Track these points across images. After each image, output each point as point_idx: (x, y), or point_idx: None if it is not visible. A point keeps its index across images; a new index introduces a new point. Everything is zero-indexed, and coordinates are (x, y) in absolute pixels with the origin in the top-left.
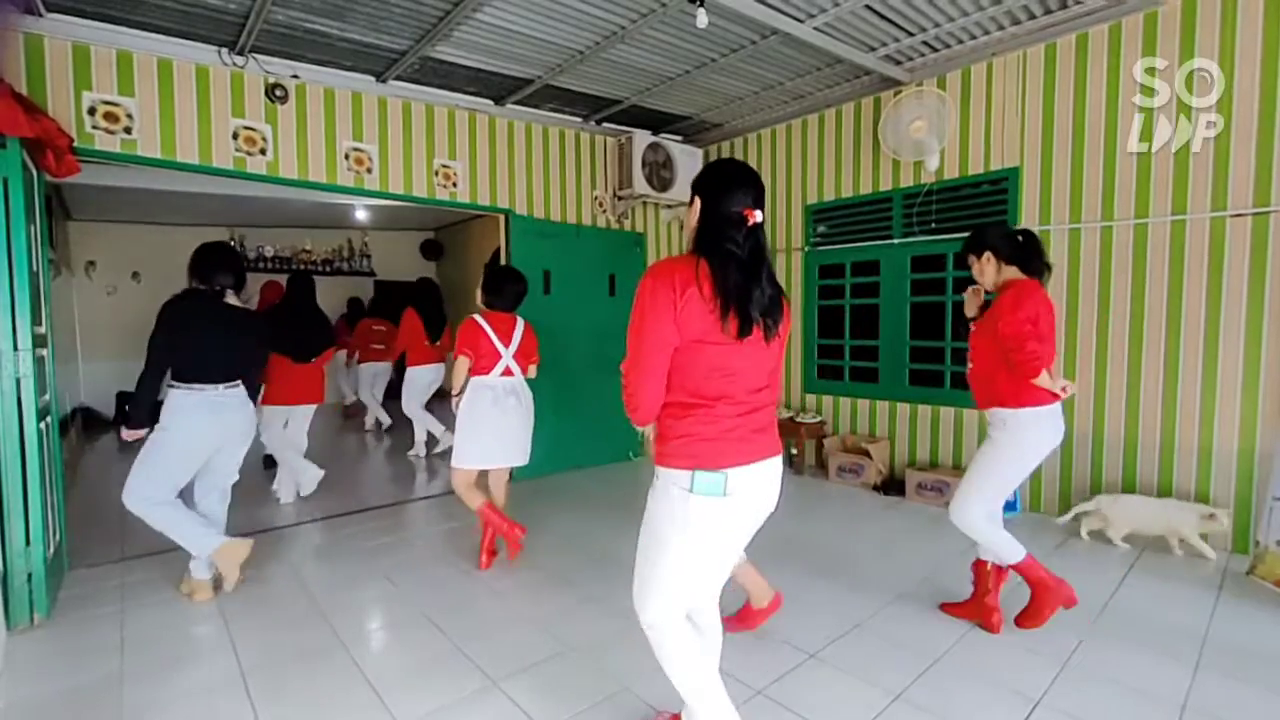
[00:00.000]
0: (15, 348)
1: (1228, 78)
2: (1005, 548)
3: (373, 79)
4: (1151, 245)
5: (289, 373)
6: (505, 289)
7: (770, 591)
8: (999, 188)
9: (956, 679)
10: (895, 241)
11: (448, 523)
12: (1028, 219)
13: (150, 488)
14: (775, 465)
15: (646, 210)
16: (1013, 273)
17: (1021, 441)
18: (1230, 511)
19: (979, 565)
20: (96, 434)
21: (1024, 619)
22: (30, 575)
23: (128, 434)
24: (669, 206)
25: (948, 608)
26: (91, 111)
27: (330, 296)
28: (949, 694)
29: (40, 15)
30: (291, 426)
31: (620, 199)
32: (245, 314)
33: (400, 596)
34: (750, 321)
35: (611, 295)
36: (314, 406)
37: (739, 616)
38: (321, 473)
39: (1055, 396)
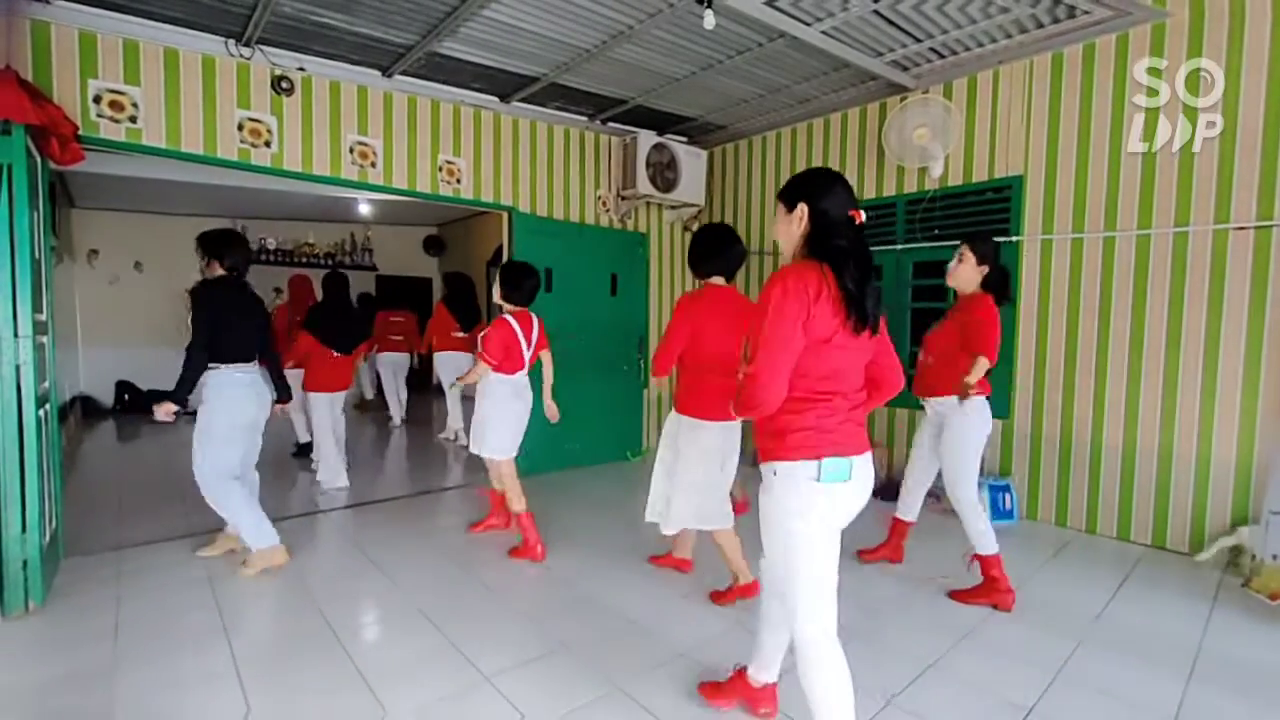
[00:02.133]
0: (15, 334)
1: (1233, 88)
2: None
3: (379, 73)
4: (1154, 257)
5: (333, 363)
6: (525, 284)
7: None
8: (1002, 195)
9: (949, 685)
10: (898, 247)
11: (448, 518)
12: (1030, 228)
13: (221, 465)
14: (870, 459)
15: (650, 211)
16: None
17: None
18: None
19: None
20: (95, 422)
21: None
22: (26, 562)
23: (163, 412)
24: (672, 207)
25: (958, 595)
26: (97, 99)
27: None
28: (941, 700)
29: (48, 2)
30: (335, 412)
31: (624, 199)
32: (255, 296)
33: (396, 590)
34: (868, 317)
35: (613, 295)
36: (345, 392)
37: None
38: (346, 483)
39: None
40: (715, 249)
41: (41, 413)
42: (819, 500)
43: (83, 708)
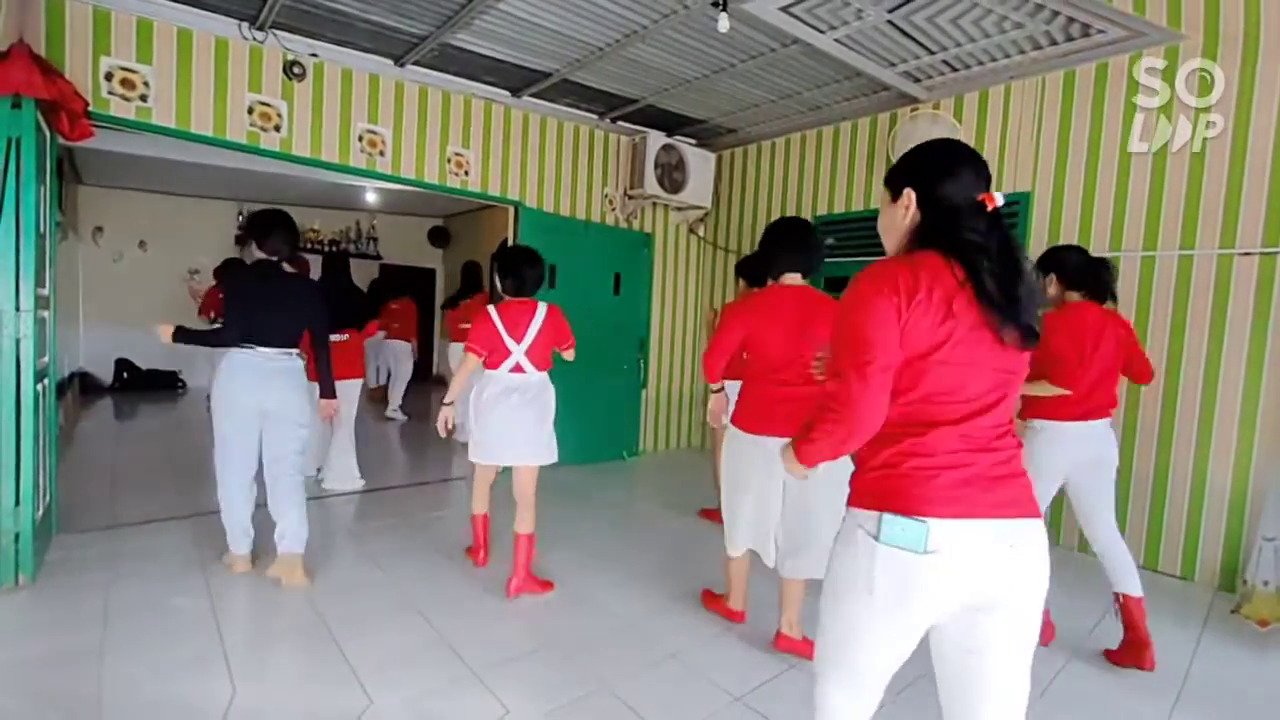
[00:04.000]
0: (17, 308)
1: (1244, 111)
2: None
3: (391, 62)
4: (1158, 278)
5: (335, 348)
6: (525, 273)
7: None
8: (1009, 211)
9: (932, 698)
10: None
11: (443, 510)
12: (1036, 245)
13: (218, 460)
14: (1028, 532)
15: (656, 211)
16: (1075, 297)
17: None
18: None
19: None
20: (93, 399)
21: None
22: (18, 536)
23: (163, 330)
24: (679, 209)
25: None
26: (109, 77)
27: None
28: (925, 712)
29: None
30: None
31: (631, 198)
32: (298, 281)
33: (387, 582)
34: (1025, 327)
35: (616, 294)
36: (354, 382)
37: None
38: (358, 481)
39: (1076, 415)
40: (786, 240)
41: (40, 387)
42: (878, 569)
43: (69, 687)
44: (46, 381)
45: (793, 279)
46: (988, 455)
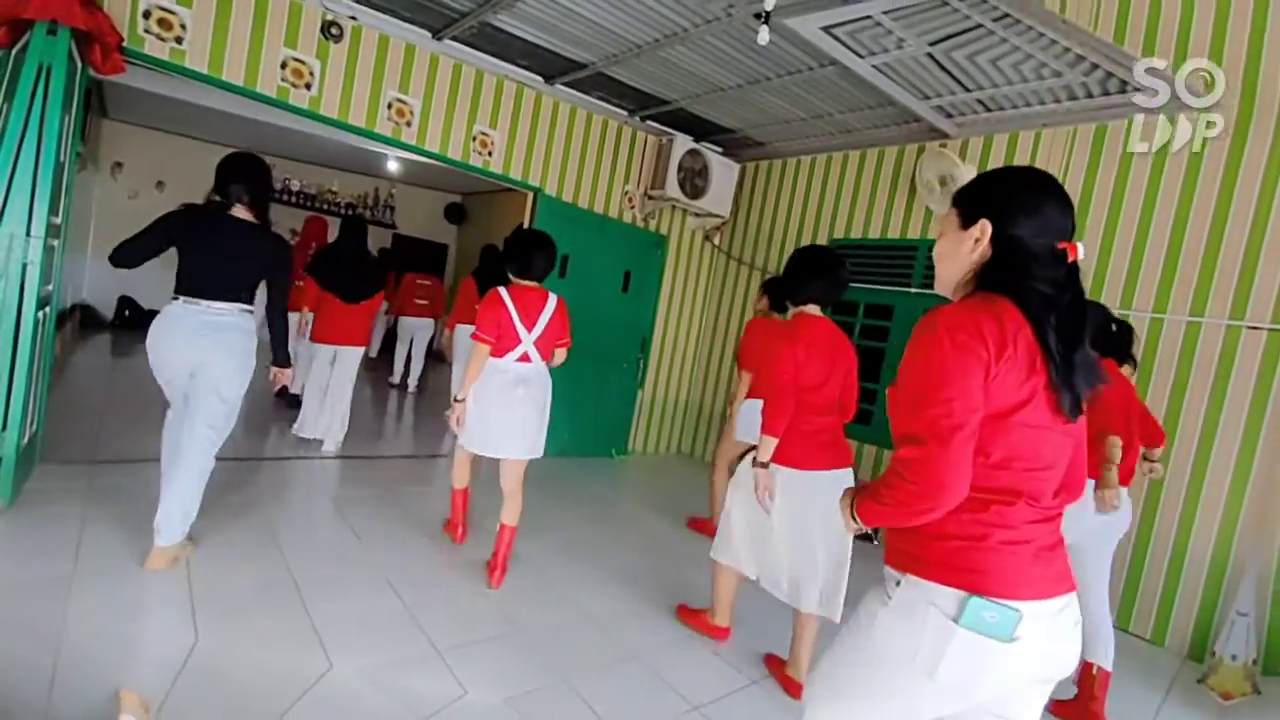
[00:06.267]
0: (29, 234)
1: (1271, 181)
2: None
3: (429, 34)
4: (1164, 341)
5: (337, 312)
6: (534, 256)
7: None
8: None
9: None
10: (913, 290)
11: (427, 485)
12: None
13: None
14: (1075, 607)
15: (674, 214)
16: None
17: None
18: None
19: (1086, 666)
20: (93, 333)
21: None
22: (0, 460)
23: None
24: (697, 215)
25: (1057, 708)
26: (146, 15)
27: None
28: None
29: None
30: (337, 368)
31: (650, 198)
32: (254, 230)
33: (363, 552)
34: (1077, 396)
35: (624, 292)
36: (360, 350)
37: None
38: (314, 436)
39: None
40: (820, 270)
41: (41, 314)
42: (951, 653)
43: (33, 615)
44: (48, 310)
45: (814, 309)
46: (1048, 525)
